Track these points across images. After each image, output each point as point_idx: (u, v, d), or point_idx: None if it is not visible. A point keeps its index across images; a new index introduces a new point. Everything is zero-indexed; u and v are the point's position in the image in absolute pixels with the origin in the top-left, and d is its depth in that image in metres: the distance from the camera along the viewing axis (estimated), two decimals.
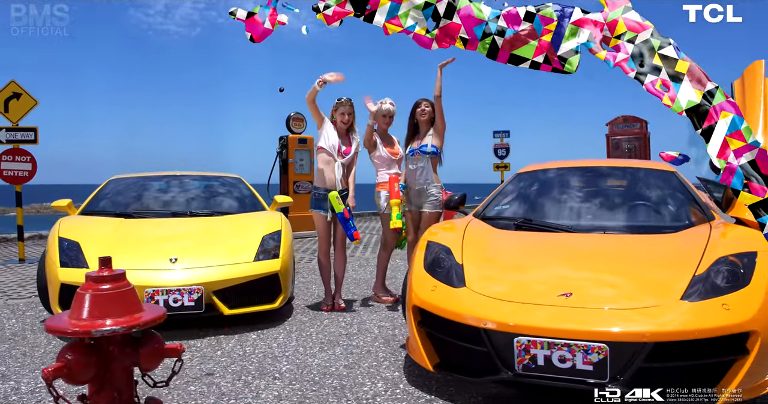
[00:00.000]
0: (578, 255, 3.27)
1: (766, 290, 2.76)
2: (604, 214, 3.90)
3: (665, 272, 2.94)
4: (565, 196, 4.19)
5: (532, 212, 4.10)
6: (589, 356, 2.59)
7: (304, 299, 5.65)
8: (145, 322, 1.63)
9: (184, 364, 3.71)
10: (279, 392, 3.22)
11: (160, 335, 1.74)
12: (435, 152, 5.17)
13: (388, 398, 3.11)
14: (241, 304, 4.47)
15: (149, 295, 4.13)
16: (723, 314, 2.62)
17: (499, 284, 3.06)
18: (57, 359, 1.58)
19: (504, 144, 17.39)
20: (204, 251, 4.57)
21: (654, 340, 2.55)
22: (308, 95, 4.97)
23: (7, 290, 6.23)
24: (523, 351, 2.70)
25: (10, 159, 8.34)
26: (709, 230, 3.37)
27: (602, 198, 4.07)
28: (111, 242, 4.55)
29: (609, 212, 3.92)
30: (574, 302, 2.77)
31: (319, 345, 4.09)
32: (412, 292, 3.29)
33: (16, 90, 8.32)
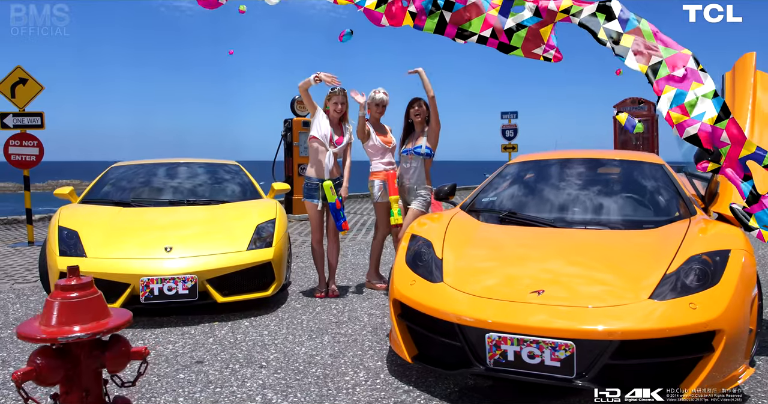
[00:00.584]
0: (555, 252, 3.32)
1: (735, 289, 2.81)
2: (587, 207, 3.94)
3: (637, 270, 2.98)
4: (552, 188, 4.22)
5: (517, 204, 4.14)
6: (556, 353, 2.67)
7: (300, 284, 5.77)
8: (110, 328, 1.72)
9: (177, 351, 3.85)
10: (264, 380, 3.34)
11: (124, 339, 1.83)
12: (429, 153, 5.23)
13: (367, 388, 3.22)
14: (234, 292, 4.58)
15: (144, 284, 4.26)
16: (689, 313, 2.67)
17: (475, 280, 3.12)
18: (27, 363, 1.68)
19: (512, 125, 17.30)
20: (198, 240, 4.68)
21: (619, 339, 2.62)
22: (302, 85, 5.02)
23: (14, 274, 6.42)
24: (494, 346, 2.78)
25: (18, 144, 8.49)
26: (688, 226, 3.40)
27: (588, 191, 4.10)
28: (108, 231, 4.68)
29: (593, 205, 3.95)
30: (546, 299, 2.83)
31: (308, 333, 4.21)
32: (393, 285, 3.37)
33: (22, 76, 8.43)
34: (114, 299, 4.29)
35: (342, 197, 5.18)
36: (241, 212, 5.20)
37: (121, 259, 4.38)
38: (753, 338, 3.00)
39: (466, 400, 3.03)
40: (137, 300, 4.29)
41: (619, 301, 2.76)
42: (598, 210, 3.89)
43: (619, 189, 4.08)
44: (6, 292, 5.54)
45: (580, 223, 3.70)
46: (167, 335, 4.19)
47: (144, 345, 3.97)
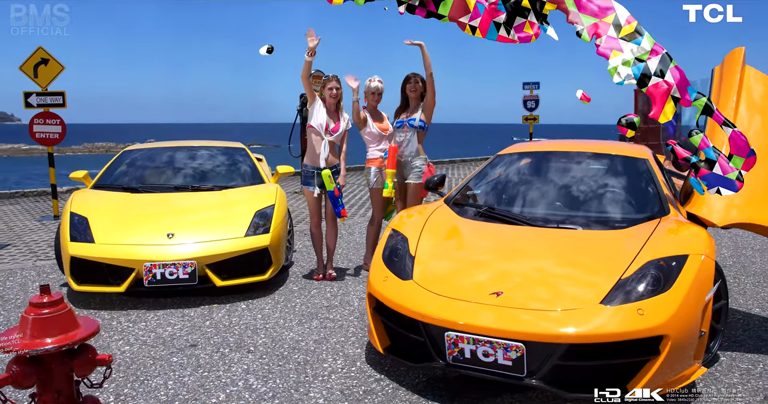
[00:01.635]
0: (522, 252, 3.45)
1: (685, 295, 2.93)
2: (564, 204, 4.04)
3: (595, 273, 3.11)
4: (534, 183, 4.32)
5: (498, 199, 4.27)
6: (508, 353, 2.85)
7: (302, 265, 6.02)
8: (77, 340, 1.95)
9: (175, 334, 4.15)
10: (248, 365, 3.61)
11: (93, 347, 2.07)
12: (422, 126, 5.33)
13: (342, 375, 3.46)
14: (233, 276, 4.85)
15: (147, 269, 4.55)
16: (636, 319, 2.81)
17: (441, 279, 3.29)
18: (6, 370, 1.93)
19: (533, 96, 17.11)
20: (199, 226, 4.93)
21: (567, 342, 2.77)
22: (302, 72, 5.16)
23: (38, 250, 6.82)
24: (452, 344, 2.97)
25: (42, 122, 8.83)
26: (655, 227, 3.48)
27: (568, 187, 4.19)
28: (116, 218, 4.96)
29: (570, 202, 4.05)
30: (502, 301, 2.99)
31: (298, 318, 4.46)
32: (369, 280, 3.57)
33: (44, 56, 8.70)
34: (120, 282, 4.61)
35: (340, 185, 5.35)
36: (241, 198, 5.43)
37: (126, 245, 4.67)
38: (705, 340, 3.12)
39: (430, 390, 3.24)
40: (142, 283, 4.59)
41: (571, 305, 2.91)
42: (574, 207, 3.99)
43: (598, 185, 4.16)
44: (28, 269, 5.93)
45: (555, 221, 3.81)
46: (168, 317, 4.49)
47: (145, 326, 4.29)
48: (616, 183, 4.15)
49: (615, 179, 4.19)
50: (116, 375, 3.47)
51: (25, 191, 11.60)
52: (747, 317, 4.38)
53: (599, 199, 4.04)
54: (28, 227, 8.27)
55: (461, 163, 18.75)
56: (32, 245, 7.08)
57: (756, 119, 3.98)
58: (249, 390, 3.28)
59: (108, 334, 4.13)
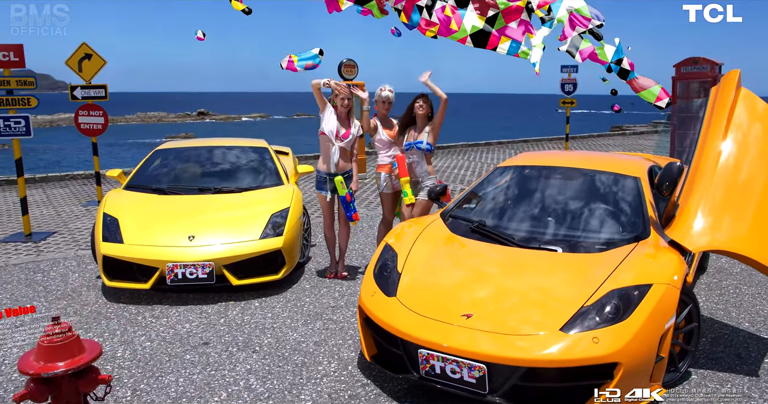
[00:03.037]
0: (499, 275, 3.70)
1: (642, 325, 3.14)
2: (552, 222, 4.24)
3: (560, 300, 3.34)
4: (525, 199, 4.52)
5: (491, 214, 4.49)
6: (472, 372, 3.14)
7: (318, 261, 6.39)
8: (82, 364, 2.35)
9: (191, 331, 4.58)
10: (251, 365, 4.01)
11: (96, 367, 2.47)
12: (429, 149, 5.55)
13: (333, 379, 3.82)
14: (248, 275, 5.25)
15: (170, 269, 5.00)
16: (591, 347, 3.04)
17: (422, 298, 3.58)
18: (25, 387, 2.35)
19: (571, 79, 16.86)
20: (218, 228, 5.34)
21: (524, 365, 3.04)
22: (314, 84, 5.45)
23: (81, 239, 7.42)
24: (424, 360, 3.28)
25: (86, 114, 9.40)
26: (630, 252, 3.67)
27: (557, 204, 4.37)
28: (143, 219, 5.42)
29: (558, 220, 4.24)
30: (471, 323, 3.27)
31: (304, 318, 4.84)
32: (360, 293, 3.89)
33: (87, 51, 9.22)
34: (146, 279, 5.08)
35: (352, 190, 5.65)
36: (258, 201, 5.80)
37: (151, 246, 5.12)
38: (664, 363, 3.32)
39: (409, 397, 3.57)
40: (165, 281, 5.04)
41: (532, 330, 3.16)
42: (560, 226, 4.18)
43: (587, 204, 4.32)
44: (70, 259, 6.51)
45: (539, 239, 4.02)
46: (188, 313, 4.94)
47: (166, 322, 4.75)
48: (604, 202, 4.31)
49: (604, 198, 4.35)
50: (135, 371, 3.93)
51: (74, 173, 12.35)
52: (734, 332, 4.51)
53: (585, 218, 4.21)
54: (74, 214, 8.92)
55: (497, 146, 18.74)
56: (75, 233, 7.69)
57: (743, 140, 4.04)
58: (248, 390, 3.68)
59: (133, 329, 4.60)
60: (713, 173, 3.91)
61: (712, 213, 3.78)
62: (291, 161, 8.28)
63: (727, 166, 3.90)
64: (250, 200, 5.86)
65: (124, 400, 3.56)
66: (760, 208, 3.78)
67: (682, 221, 3.86)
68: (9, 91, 7.07)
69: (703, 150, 4.05)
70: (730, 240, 3.69)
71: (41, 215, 8.78)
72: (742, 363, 3.99)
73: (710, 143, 4.03)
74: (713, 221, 3.75)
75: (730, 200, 3.79)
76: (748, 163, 3.93)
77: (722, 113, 4.12)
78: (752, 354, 4.13)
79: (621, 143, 19.53)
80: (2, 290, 5.50)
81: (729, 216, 3.77)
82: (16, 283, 5.71)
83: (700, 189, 3.88)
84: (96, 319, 4.80)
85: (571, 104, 17.02)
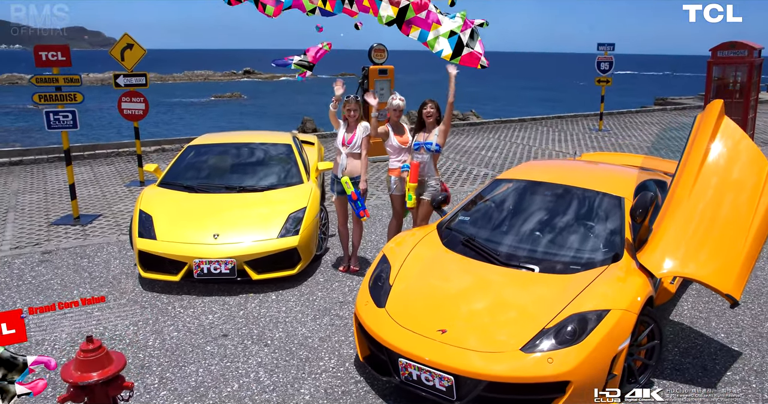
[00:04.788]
0: (477, 292, 4.12)
1: (594, 348, 3.54)
2: (535, 241, 4.60)
3: (525, 321, 3.75)
4: (514, 215, 4.89)
5: (481, 228, 4.87)
6: (442, 381, 3.62)
7: (335, 252, 6.90)
8: (112, 375, 2.93)
9: (213, 322, 5.19)
10: (262, 359, 4.59)
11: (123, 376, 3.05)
12: (438, 150, 5.91)
13: (331, 375, 4.37)
14: (266, 271, 5.82)
15: (196, 264, 5.60)
16: (545, 366, 3.47)
17: (406, 311, 4.04)
18: (66, 391, 2.95)
19: (608, 57, 16.65)
20: (240, 227, 5.89)
21: (486, 379, 3.50)
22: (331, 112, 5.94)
23: (122, 223, 8.12)
24: (404, 367, 3.78)
25: (128, 100, 10.05)
26: (598, 275, 4.03)
27: (542, 223, 4.72)
28: (173, 217, 6.02)
29: (540, 239, 4.60)
30: (445, 338, 3.73)
31: (314, 313, 5.38)
32: (356, 301, 4.39)
33: (129, 42, 9.80)
34: (176, 272, 5.70)
35: (360, 190, 6.10)
36: (278, 201, 6.32)
37: (181, 243, 5.72)
38: (618, 379, 3.71)
39: (393, 396, 4.09)
40: (192, 274, 5.65)
41: (496, 349, 3.60)
42: (541, 245, 4.55)
43: (569, 224, 4.66)
44: (112, 244, 7.21)
45: (521, 257, 4.41)
46: (212, 304, 5.55)
47: (192, 313, 5.37)
48: (586, 222, 4.65)
49: (587, 218, 4.68)
50: (163, 360, 4.56)
51: (120, 151, 13.14)
52: (707, 342, 4.84)
53: (566, 238, 4.56)
54: (118, 195, 9.66)
55: (531, 123, 18.73)
56: (118, 217, 8.41)
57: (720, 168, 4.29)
58: (256, 382, 4.27)
59: (164, 319, 5.24)
60: (687, 202, 4.19)
61: (681, 242, 4.09)
62: (316, 151, 8.75)
63: (699, 197, 4.17)
64: (271, 199, 6.38)
65: (152, 387, 4.20)
66: (725, 239, 4.06)
67: (652, 246, 4.18)
68: (58, 87, 7.69)
69: (680, 179, 4.32)
70: (693, 268, 4.00)
71: (88, 196, 9.54)
72: (705, 375, 4.35)
73: (687, 173, 4.29)
74: (680, 249, 4.06)
75: (698, 230, 4.09)
76: (719, 195, 4.20)
77: (702, 144, 4.36)
78: (717, 366, 4.47)
79: (659, 121, 19.22)
80: (54, 275, 6.24)
81: (695, 245, 4.07)
82: (65, 269, 6.43)
83: (672, 217, 4.18)
84: (132, 308, 5.46)
85: (606, 82, 16.84)
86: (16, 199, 9.42)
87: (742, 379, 4.28)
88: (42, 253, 6.92)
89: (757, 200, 4.14)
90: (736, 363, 4.50)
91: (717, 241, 4.07)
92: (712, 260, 4.02)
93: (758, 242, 4.11)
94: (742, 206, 4.14)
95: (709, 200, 4.16)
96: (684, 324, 5.15)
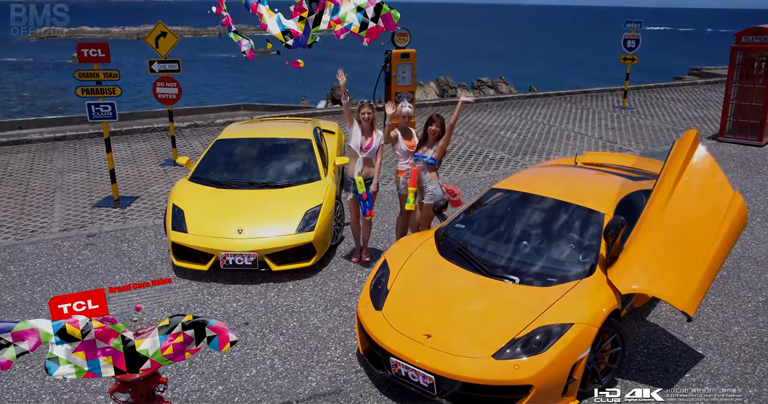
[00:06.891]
0: (461, 301, 4.69)
1: (556, 357, 4.12)
2: (519, 252, 5.12)
3: (499, 330, 4.33)
4: (504, 226, 5.41)
5: (473, 238, 5.41)
6: (425, 379, 4.27)
7: (350, 242, 7.52)
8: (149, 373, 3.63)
9: (237, 310, 5.91)
10: (277, 347, 5.29)
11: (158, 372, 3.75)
12: (433, 163, 6.40)
13: (335, 364, 5.05)
14: (285, 262, 6.50)
15: (222, 256, 6.30)
16: (511, 372, 4.08)
17: (400, 315, 4.66)
18: (114, 384, 3.67)
19: (635, 35, 16.52)
20: (261, 222, 6.56)
21: (461, 380, 4.13)
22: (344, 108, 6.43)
23: (158, 206, 8.86)
24: (394, 364, 4.43)
25: (163, 85, 10.66)
26: (569, 289, 4.57)
27: (527, 235, 5.24)
28: (203, 212, 6.70)
29: (523, 250, 5.13)
30: (430, 342, 4.35)
31: (326, 303, 6.06)
32: (358, 303, 5.03)
33: (162, 30, 10.35)
34: (205, 262, 6.42)
35: (371, 191, 6.66)
36: (296, 196, 6.94)
37: (209, 237, 6.42)
38: (578, 383, 4.29)
39: (390, 386, 4.75)
40: (219, 265, 6.37)
41: (471, 354, 4.21)
42: (523, 256, 5.07)
43: (551, 237, 5.16)
44: (148, 229, 7.96)
45: (504, 267, 4.95)
46: (236, 293, 6.27)
47: (219, 300, 6.09)
48: (567, 236, 5.15)
49: (568, 232, 5.17)
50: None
51: (155, 126, 13.86)
52: (675, 345, 5.36)
53: (546, 251, 5.08)
54: (153, 175, 10.41)
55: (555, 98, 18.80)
56: (154, 199, 9.15)
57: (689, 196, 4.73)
58: (271, 369, 4.98)
59: (194, 306, 5.98)
60: (656, 226, 4.66)
61: (647, 263, 4.59)
62: (336, 140, 9.30)
63: (668, 222, 4.63)
64: (290, 195, 7.01)
65: (183, 370, 4.95)
66: (687, 262, 4.54)
67: (621, 264, 4.69)
68: (98, 82, 8.33)
69: (652, 202, 4.78)
70: (656, 288, 4.51)
71: (126, 176, 10.30)
72: (666, 376, 4.90)
73: (659, 197, 4.74)
74: (646, 270, 4.56)
75: (663, 253, 4.57)
76: (686, 221, 4.65)
77: (675, 170, 4.78)
78: (679, 368, 5.01)
79: (687, 97, 19.06)
80: (98, 260, 7.03)
81: (660, 268, 4.57)
82: (107, 252, 7.22)
83: (641, 239, 4.67)
84: (167, 294, 6.21)
85: (632, 60, 16.77)
86: (62, 178, 10.25)
87: (698, 381, 4.82)
88: (87, 236, 7.72)
89: (718, 227, 4.58)
90: (696, 366, 5.03)
91: (679, 264, 4.54)
92: (673, 281, 4.51)
93: (715, 266, 4.57)
94: (705, 232, 4.59)
95: (675, 226, 4.62)
96: (658, 325, 5.66)
